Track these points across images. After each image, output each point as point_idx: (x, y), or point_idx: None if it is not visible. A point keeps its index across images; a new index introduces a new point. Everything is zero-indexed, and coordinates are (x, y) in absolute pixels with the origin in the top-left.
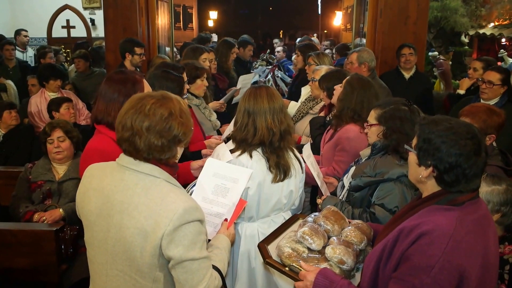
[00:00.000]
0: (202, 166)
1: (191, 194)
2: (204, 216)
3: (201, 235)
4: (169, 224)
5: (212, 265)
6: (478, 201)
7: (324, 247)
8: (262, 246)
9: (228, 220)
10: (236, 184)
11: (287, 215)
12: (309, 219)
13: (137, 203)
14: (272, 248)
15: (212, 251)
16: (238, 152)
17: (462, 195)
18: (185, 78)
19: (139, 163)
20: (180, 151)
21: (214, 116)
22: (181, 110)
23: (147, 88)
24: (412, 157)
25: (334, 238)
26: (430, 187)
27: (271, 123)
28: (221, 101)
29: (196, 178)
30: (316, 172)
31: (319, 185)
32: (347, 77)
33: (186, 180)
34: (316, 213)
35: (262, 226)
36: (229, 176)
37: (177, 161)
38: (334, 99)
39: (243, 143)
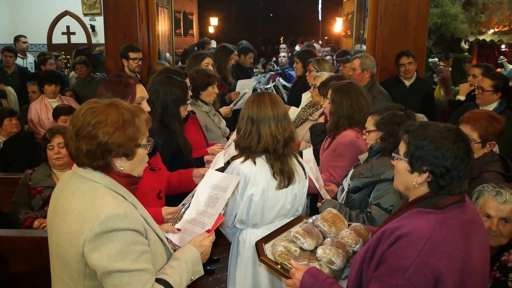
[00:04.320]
0: (203, 175)
1: (189, 205)
2: (140, 226)
3: (134, 246)
4: (91, 230)
5: (162, 279)
6: (463, 205)
7: (317, 247)
8: (259, 244)
9: (210, 229)
10: (224, 193)
11: None
12: (309, 220)
13: (72, 207)
14: (269, 247)
15: (168, 263)
16: (241, 159)
17: (445, 199)
18: (188, 83)
19: (84, 169)
20: (127, 164)
21: (224, 123)
22: (122, 120)
23: (141, 92)
24: (403, 165)
25: (328, 239)
26: (418, 192)
27: (275, 130)
28: (231, 106)
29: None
30: (315, 176)
31: (318, 189)
32: (329, 90)
33: (189, 187)
34: (317, 215)
35: (266, 232)
36: (220, 186)
37: (135, 174)
38: (328, 116)
39: (246, 150)
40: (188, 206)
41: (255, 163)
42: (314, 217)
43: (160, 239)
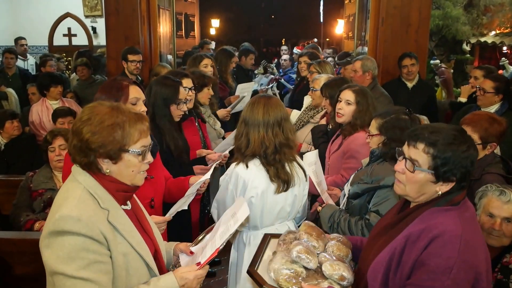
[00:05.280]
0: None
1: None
2: (95, 234)
3: (85, 253)
4: (46, 227)
5: None
6: (466, 200)
7: (319, 265)
8: (254, 272)
9: (202, 263)
10: (234, 225)
11: (291, 223)
12: (290, 236)
13: (55, 203)
14: (262, 272)
15: (138, 286)
16: (236, 162)
17: (458, 195)
18: (189, 85)
19: (76, 167)
20: (113, 167)
21: (218, 124)
22: (109, 122)
23: (136, 93)
24: (425, 176)
25: (325, 254)
26: (435, 195)
27: (264, 136)
28: (229, 108)
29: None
30: (317, 180)
31: (320, 193)
32: (352, 94)
33: (182, 196)
34: (292, 230)
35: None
36: (237, 216)
37: (127, 182)
38: (344, 119)
39: (239, 152)
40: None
41: (247, 166)
42: (291, 233)
43: (138, 254)
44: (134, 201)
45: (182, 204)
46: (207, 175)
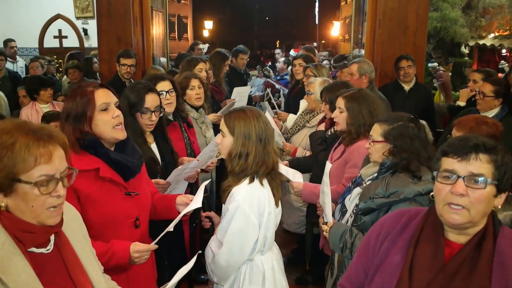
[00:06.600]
0: (187, 204)
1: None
2: None
3: None
4: None
5: None
6: None
7: None
8: None
9: None
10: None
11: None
12: None
13: None
14: None
15: None
16: (246, 182)
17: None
18: (166, 87)
19: None
20: (7, 200)
21: (210, 132)
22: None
23: (103, 98)
24: (490, 190)
25: None
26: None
27: (273, 147)
28: (219, 113)
29: (179, 213)
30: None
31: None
32: (342, 100)
33: (170, 215)
34: None
35: (275, 253)
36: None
37: (32, 221)
38: (341, 127)
39: (256, 174)
40: None
41: (262, 184)
42: None
43: None
44: (63, 242)
45: (168, 228)
46: (198, 202)
